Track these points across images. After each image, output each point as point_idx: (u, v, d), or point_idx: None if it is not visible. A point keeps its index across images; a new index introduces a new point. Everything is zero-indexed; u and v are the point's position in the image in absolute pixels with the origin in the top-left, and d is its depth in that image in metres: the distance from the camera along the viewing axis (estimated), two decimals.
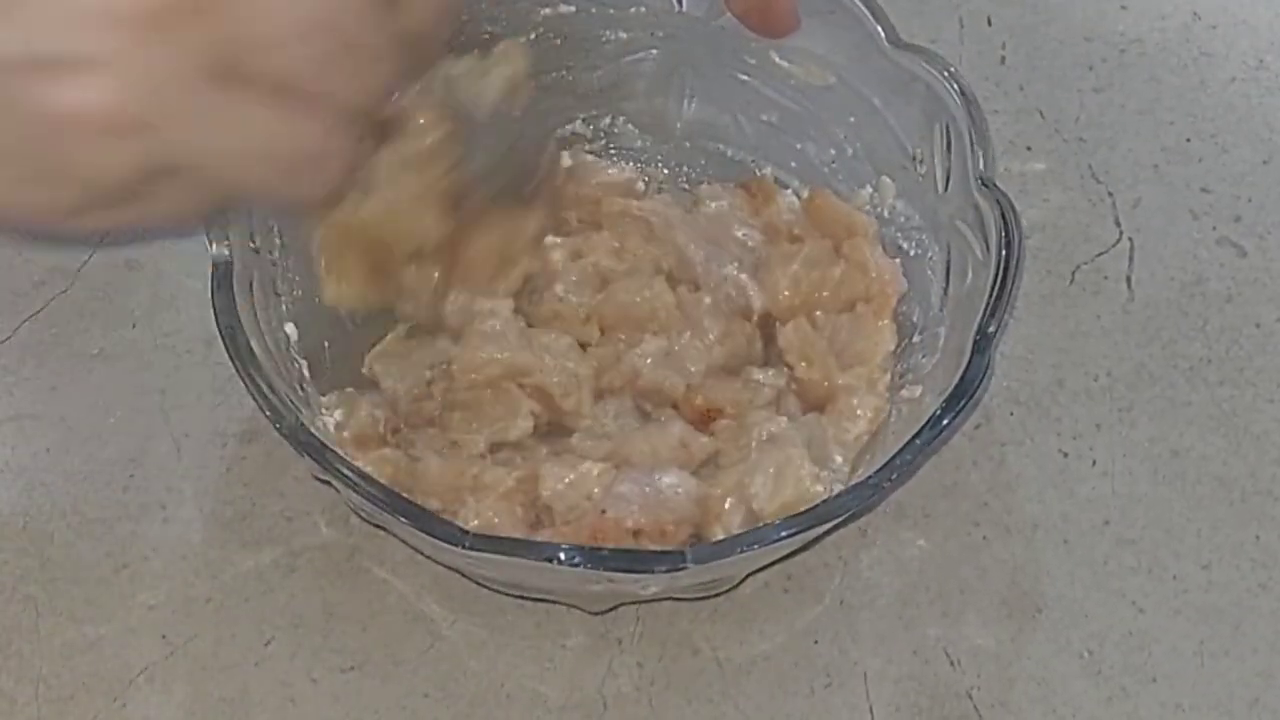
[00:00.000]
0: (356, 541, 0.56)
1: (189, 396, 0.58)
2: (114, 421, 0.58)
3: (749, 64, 0.60)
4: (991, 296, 0.51)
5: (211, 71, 0.37)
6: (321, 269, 0.52)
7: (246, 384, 0.48)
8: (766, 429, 0.54)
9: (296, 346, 0.54)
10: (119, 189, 0.38)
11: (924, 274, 0.56)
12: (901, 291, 0.57)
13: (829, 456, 0.54)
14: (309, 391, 0.53)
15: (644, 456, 0.53)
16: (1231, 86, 0.69)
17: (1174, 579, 0.57)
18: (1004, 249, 0.51)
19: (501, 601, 0.55)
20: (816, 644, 0.55)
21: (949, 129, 0.55)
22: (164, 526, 0.56)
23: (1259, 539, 0.58)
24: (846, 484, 0.52)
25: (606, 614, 0.54)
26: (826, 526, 0.49)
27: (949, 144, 0.55)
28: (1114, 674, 0.54)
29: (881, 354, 0.56)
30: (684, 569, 0.46)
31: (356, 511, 0.54)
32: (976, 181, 0.53)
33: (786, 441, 0.53)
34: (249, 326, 0.50)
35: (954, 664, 0.54)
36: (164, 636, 0.54)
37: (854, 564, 0.56)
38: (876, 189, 0.59)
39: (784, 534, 0.47)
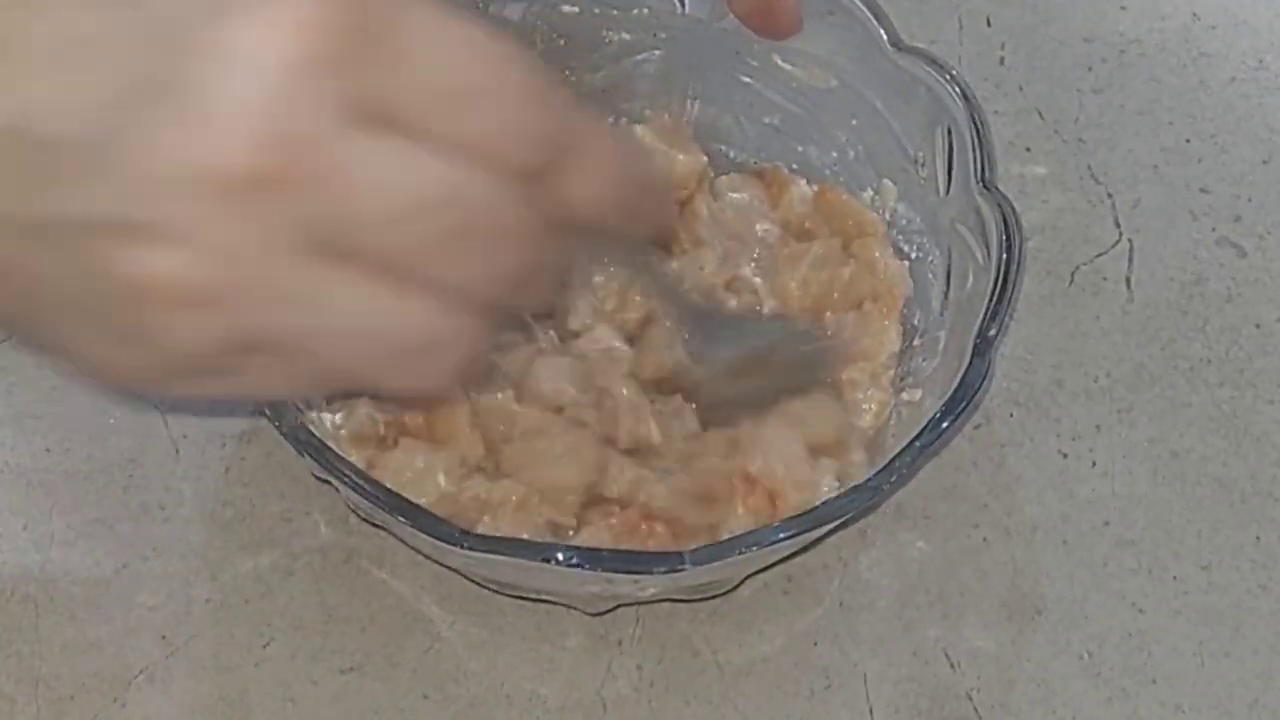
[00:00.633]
0: (356, 542, 0.56)
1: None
2: (114, 421, 0.58)
3: (751, 66, 0.60)
4: (992, 300, 0.51)
5: (304, 246, 0.34)
6: None
7: None
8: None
9: None
10: (203, 360, 0.35)
11: (925, 277, 0.57)
12: (908, 294, 0.57)
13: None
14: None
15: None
16: (1231, 86, 0.69)
17: (1174, 580, 0.57)
18: (1005, 253, 0.52)
19: (501, 603, 0.55)
20: (816, 646, 0.55)
21: (951, 132, 0.55)
22: (163, 527, 0.56)
23: (1259, 540, 0.58)
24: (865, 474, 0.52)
25: (606, 616, 0.54)
26: (826, 528, 0.49)
27: (950, 147, 0.55)
28: (1114, 675, 0.54)
29: (886, 353, 0.56)
30: (682, 570, 0.46)
31: (355, 511, 0.54)
32: (978, 185, 0.53)
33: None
34: None
35: (954, 665, 0.54)
36: (164, 636, 0.54)
37: (854, 566, 0.56)
38: (878, 192, 0.59)
39: (783, 535, 0.47)
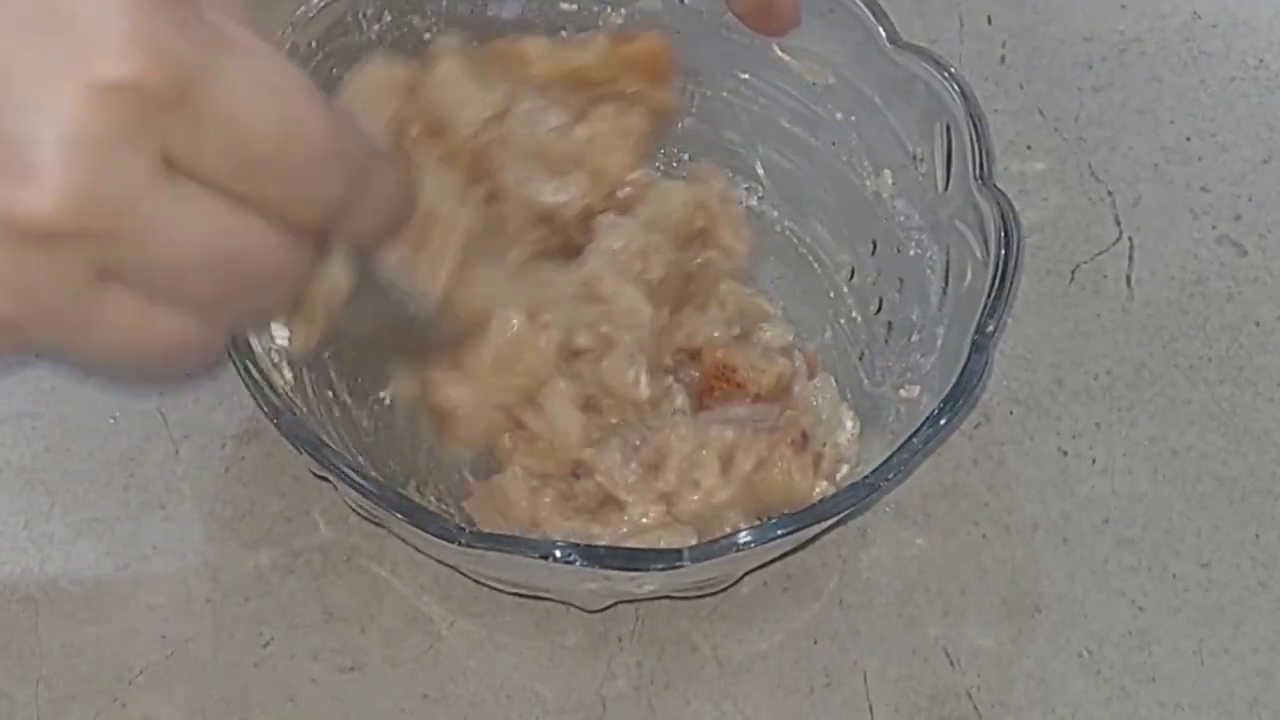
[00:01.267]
0: (356, 542, 0.56)
1: (188, 397, 0.58)
2: (114, 421, 0.58)
3: (751, 61, 0.60)
4: (990, 296, 0.51)
5: (95, 280, 0.37)
6: None
7: (245, 380, 0.48)
8: None
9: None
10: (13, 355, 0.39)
11: (923, 274, 0.56)
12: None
13: None
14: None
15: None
16: (1231, 86, 0.68)
17: (1174, 578, 0.57)
18: (1003, 249, 0.52)
19: (501, 602, 0.55)
20: (816, 643, 0.55)
21: (949, 129, 0.55)
22: (163, 526, 0.56)
23: (1259, 538, 0.57)
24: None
25: (605, 614, 0.54)
26: (824, 525, 0.49)
27: (949, 144, 0.55)
28: (1114, 673, 0.54)
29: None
30: (681, 566, 0.46)
31: (355, 510, 0.54)
32: (976, 181, 0.53)
33: None
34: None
35: (954, 663, 0.54)
36: (164, 636, 0.54)
37: (853, 563, 0.56)
38: (876, 188, 0.59)
39: (781, 532, 0.47)
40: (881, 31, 0.56)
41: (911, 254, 0.57)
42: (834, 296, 0.60)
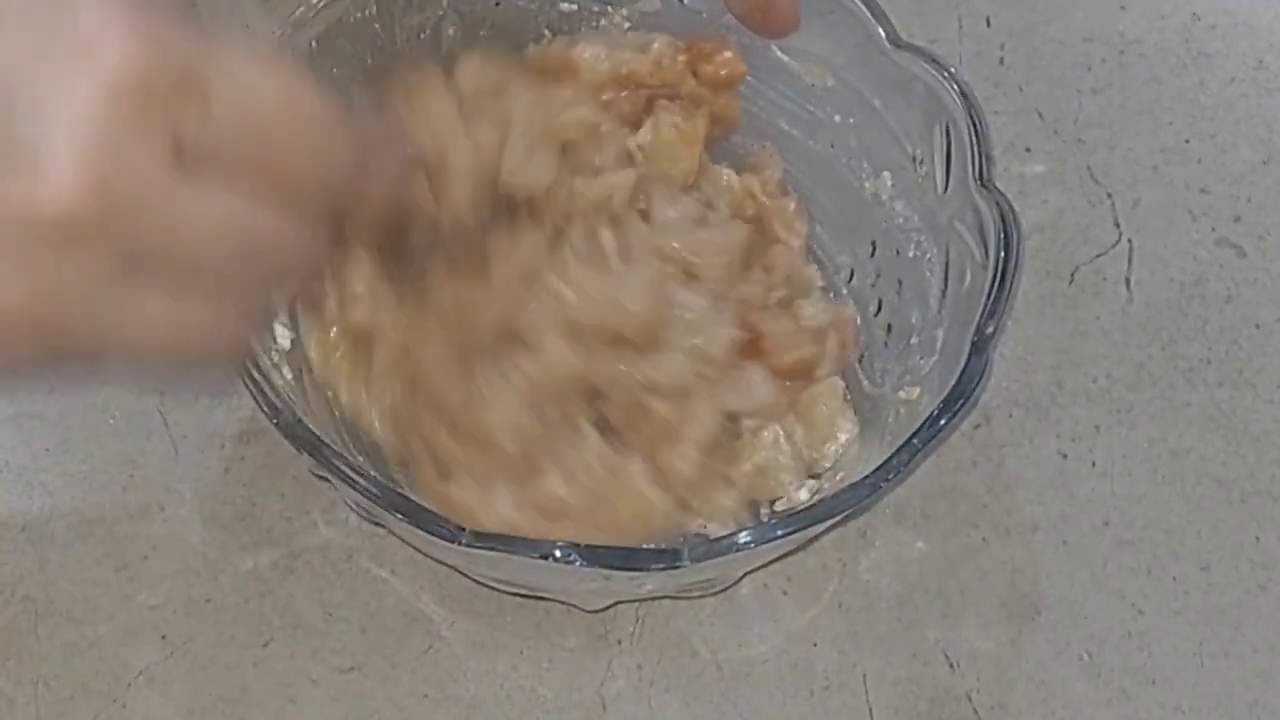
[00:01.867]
0: (355, 542, 0.56)
1: (188, 397, 0.58)
2: (113, 422, 0.58)
3: (750, 62, 0.60)
4: (990, 297, 0.51)
5: (120, 272, 0.37)
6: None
7: (244, 380, 0.48)
8: None
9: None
10: (28, 365, 0.39)
11: (922, 275, 0.56)
12: None
13: None
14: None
15: None
16: (1231, 87, 0.69)
17: (1174, 580, 0.57)
18: (1003, 250, 0.52)
19: (501, 602, 0.55)
20: (815, 646, 0.55)
21: (949, 130, 0.55)
22: (163, 527, 0.56)
23: (1259, 540, 0.58)
24: None
25: (606, 615, 0.54)
26: (824, 526, 0.49)
27: (949, 145, 0.55)
28: (1113, 676, 0.54)
29: None
30: (680, 567, 0.46)
31: (355, 510, 0.54)
32: (976, 183, 0.53)
33: None
34: None
35: (953, 666, 0.54)
36: (164, 636, 0.54)
37: (853, 566, 0.56)
38: (876, 189, 0.59)
39: (780, 532, 0.47)
40: (881, 33, 0.56)
41: (911, 256, 0.57)
42: (833, 298, 0.60)
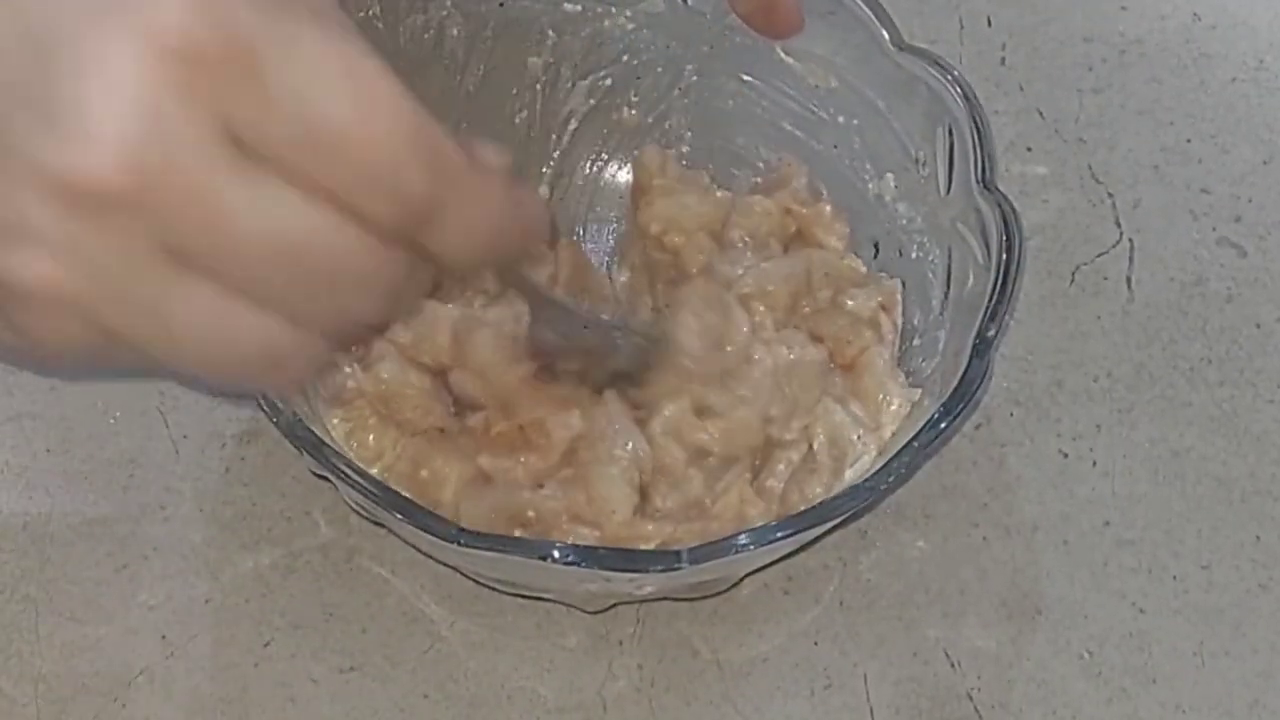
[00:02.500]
0: (356, 542, 0.56)
1: (188, 397, 0.58)
2: (114, 421, 0.58)
3: (754, 63, 0.60)
4: (991, 300, 0.51)
5: (162, 260, 0.35)
6: None
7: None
8: None
9: None
10: (80, 353, 0.37)
11: (924, 277, 0.56)
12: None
13: None
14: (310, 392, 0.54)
15: None
16: (1231, 87, 0.68)
17: (1174, 579, 0.57)
18: (1005, 253, 0.51)
19: (501, 602, 0.55)
20: (816, 645, 0.55)
21: (952, 132, 0.55)
22: (164, 526, 0.56)
23: (1259, 539, 0.57)
24: None
25: (606, 615, 0.54)
26: (825, 527, 0.49)
27: (951, 147, 0.55)
28: (1114, 675, 0.54)
29: None
30: (680, 568, 0.46)
31: (355, 509, 0.54)
32: (979, 185, 0.53)
33: None
34: None
35: (954, 665, 0.54)
36: (164, 636, 0.54)
37: (853, 565, 0.56)
38: (879, 191, 0.59)
39: (780, 534, 0.47)
40: (884, 34, 0.56)
41: (913, 257, 0.57)
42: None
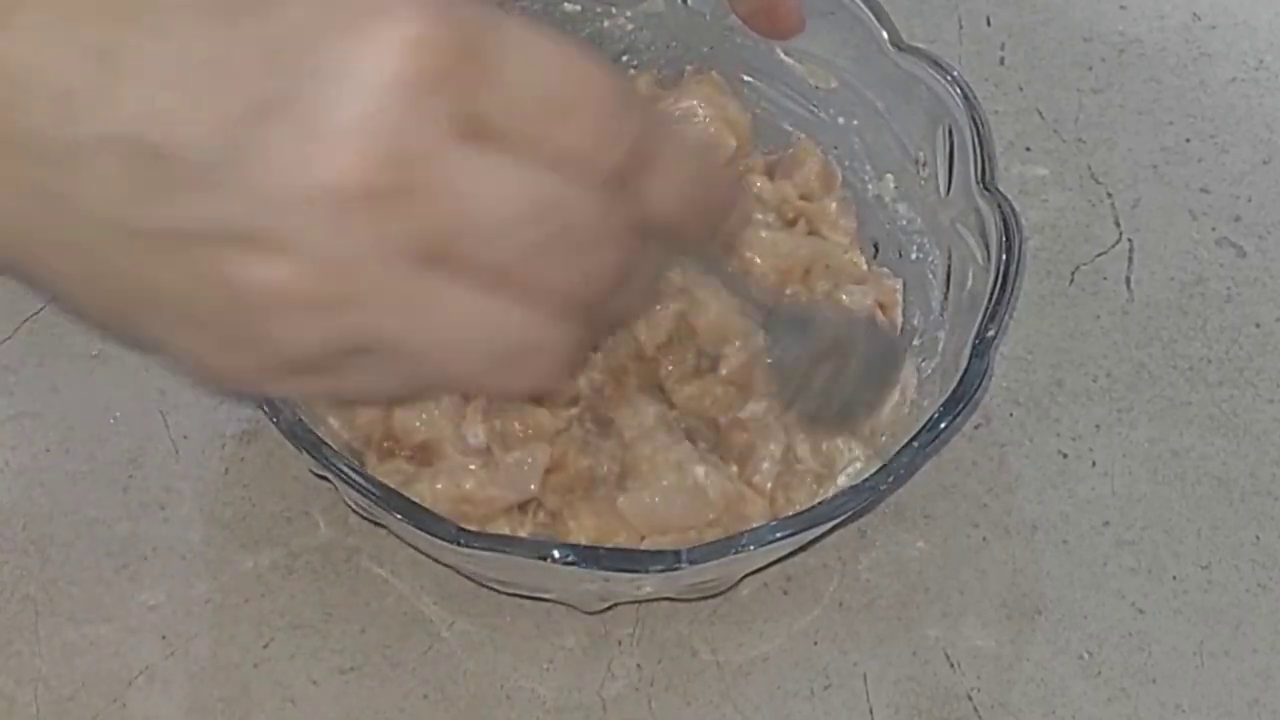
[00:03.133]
0: (356, 542, 0.56)
1: (188, 397, 0.58)
2: (114, 421, 0.58)
3: (754, 64, 0.60)
4: (991, 301, 0.51)
5: (416, 255, 0.36)
6: None
7: None
8: None
9: None
10: (307, 362, 0.38)
11: (925, 277, 0.56)
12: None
13: None
14: None
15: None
16: (1231, 86, 0.69)
17: (1174, 579, 0.57)
18: (1005, 254, 0.52)
19: (501, 602, 0.55)
20: (816, 645, 0.55)
21: (952, 133, 0.55)
22: (164, 526, 0.56)
23: (1259, 539, 0.58)
24: None
25: (605, 615, 0.54)
26: (824, 528, 0.49)
27: (951, 147, 0.55)
28: (1114, 675, 0.54)
29: None
30: (679, 569, 0.46)
31: (355, 509, 0.54)
32: (979, 185, 0.53)
33: None
34: None
35: (954, 665, 0.54)
36: (164, 636, 0.54)
37: (853, 565, 0.56)
38: (879, 191, 0.59)
39: (780, 535, 0.47)
40: (885, 35, 0.56)
41: (913, 258, 0.57)
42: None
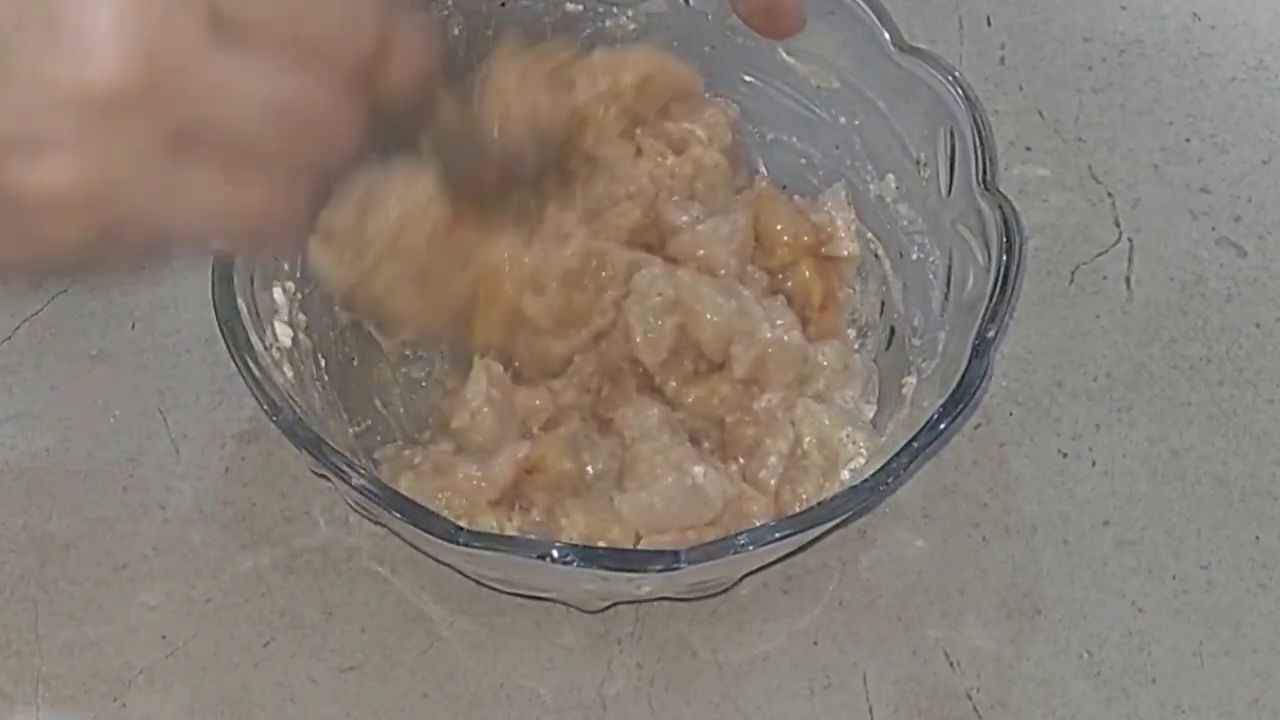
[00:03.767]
0: (356, 541, 0.56)
1: (188, 397, 0.58)
2: (114, 421, 0.58)
3: (755, 64, 0.60)
4: (992, 301, 0.51)
5: (172, 147, 0.39)
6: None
7: (245, 377, 0.48)
8: None
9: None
10: (82, 252, 0.40)
11: (925, 278, 0.56)
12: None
13: None
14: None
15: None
16: (1231, 86, 0.69)
17: (1174, 579, 0.57)
18: (1005, 254, 0.51)
19: (500, 602, 0.55)
20: (816, 645, 0.55)
21: (953, 133, 0.55)
22: (164, 526, 0.56)
23: (1259, 539, 0.58)
24: None
25: (605, 615, 0.54)
26: (824, 527, 0.49)
27: (953, 148, 0.55)
28: (1113, 675, 0.54)
29: None
30: (678, 569, 0.46)
31: (355, 508, 0.54)
32: (979, 186, 0.53)
33: None
34: (248, 321, 0.50)
35: (953, 665, 0.54)
36: (164, 636, 0.54)
37: (853, 565, 0.56)
38: (880, 192, 0.59)
39: (779, 534, 0.47)
40: (885, 35, 0.56)
41: (914, 258, 0.57)
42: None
